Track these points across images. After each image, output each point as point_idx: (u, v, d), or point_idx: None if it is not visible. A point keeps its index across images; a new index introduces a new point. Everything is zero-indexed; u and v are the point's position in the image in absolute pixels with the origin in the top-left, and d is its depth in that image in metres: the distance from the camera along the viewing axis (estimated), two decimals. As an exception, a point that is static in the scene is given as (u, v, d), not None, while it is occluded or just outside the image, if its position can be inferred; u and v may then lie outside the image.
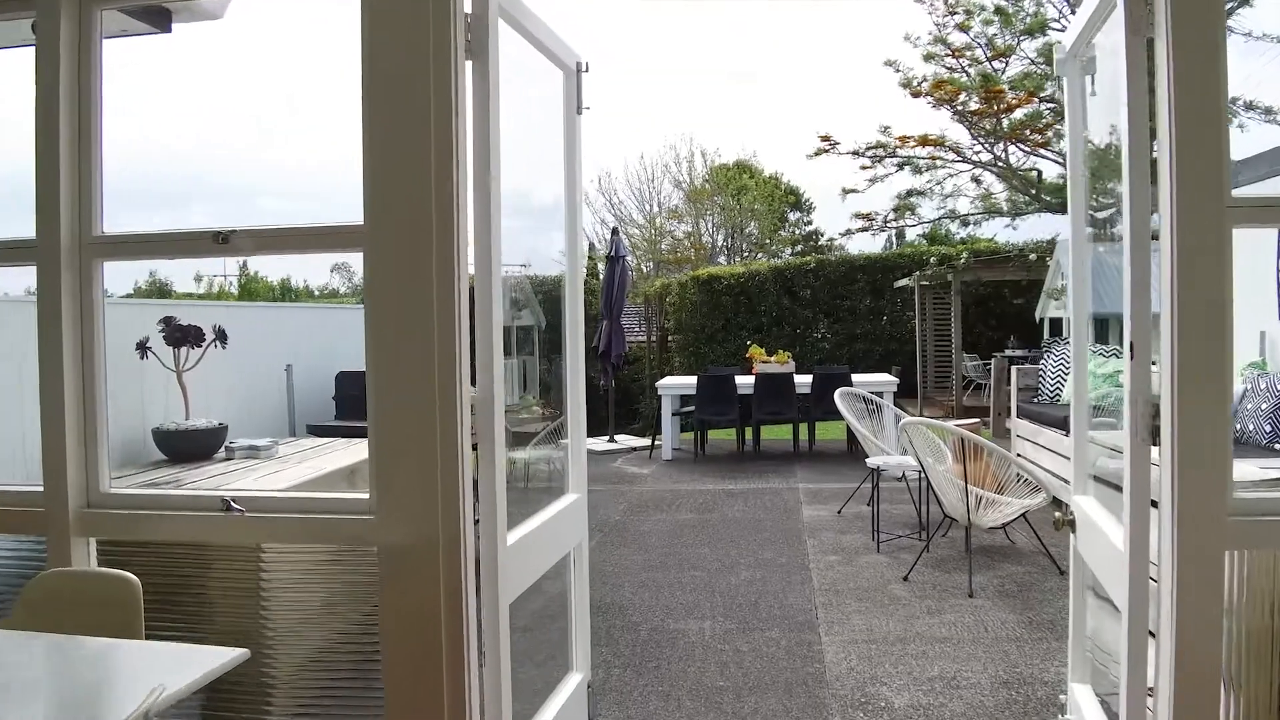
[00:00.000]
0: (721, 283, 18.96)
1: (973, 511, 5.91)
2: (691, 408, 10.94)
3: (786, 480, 9.56)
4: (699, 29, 48.86)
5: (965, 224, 17.03)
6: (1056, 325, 15.44)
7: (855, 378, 10.73)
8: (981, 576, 5.98)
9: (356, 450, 4.79)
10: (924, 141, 14.60)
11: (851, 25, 43.36)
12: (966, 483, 5.82)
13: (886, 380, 10.84)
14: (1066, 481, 7.75)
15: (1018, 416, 8.98)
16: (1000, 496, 5.99)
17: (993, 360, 12.56)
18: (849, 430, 11.36)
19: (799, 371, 11.32)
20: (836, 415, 10.72)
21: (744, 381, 10.82)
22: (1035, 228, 43.30)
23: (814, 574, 6.17)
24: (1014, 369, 9.07)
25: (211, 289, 21.09)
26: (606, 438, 12.35)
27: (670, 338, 20.11)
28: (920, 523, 7.26)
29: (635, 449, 11.78)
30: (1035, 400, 8.88)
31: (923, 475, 6.49)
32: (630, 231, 35.88)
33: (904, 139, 14.86)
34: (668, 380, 11.37)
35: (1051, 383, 8.79)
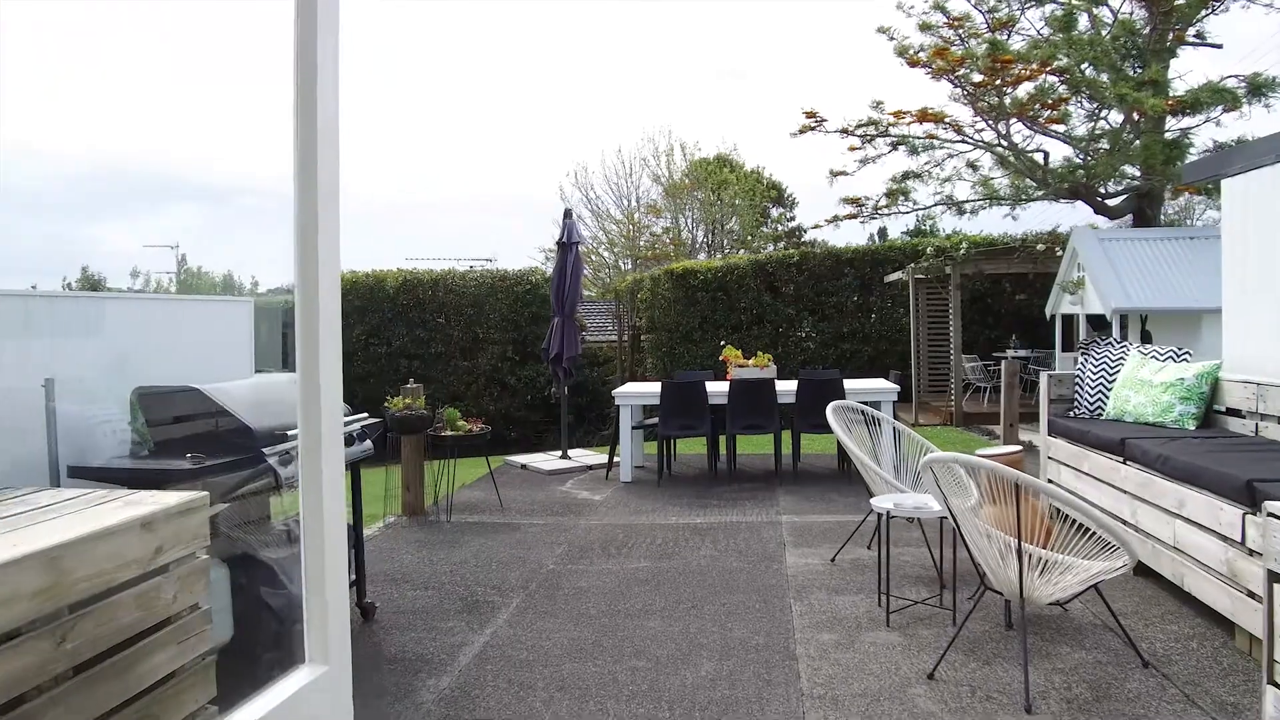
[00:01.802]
0: (697, 277, 17.16)
1: (1028, 582, 4.10)
2: (656, 419, 9.12)
3: (766, 510, 7.75)
4: (677, 13, 47.16)
5: (961, 212, 15.26)
6: (1069, 323, 13.70)
7: (848, 384, 8.93)
8: (1037, 672, 4.18)
9: (97, 516, 2.94)
10: (923, 116, 12.79)
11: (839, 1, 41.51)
12: (1020, 541, 4.01)
13: (885, 387, 9.03)
14: (1127, 524, 5.96)
15: (1050, 434, 7.19)
16: (1063, 558, 4.19)
17: (1001, 362, 10.79)
18: (840, 443, 9.57)
19: (782, 375, 9.51)
20: (826, 428, 8.92)
21: (718, 389, 9.01)
22: (1035, 219, 41.58)
23: (803, 667, 4.36)
24: (1045, 375, 7.28)
25: (149, 284, 19.09)
26: (559, 454, 10.50)
27: (643, 337, 18.30)
28: (940, 578, 5.46)
29: (591, 467, 9.94)
30: (1071, 414, 7.09)
31: (951, 520, 4.69)
32: (608, 228, 34.18)
33: (900, 114, 13.04)
34: (627, 388, 9.54)
35: (1091, 393, 7.00)
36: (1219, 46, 14.92)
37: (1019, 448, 4.92)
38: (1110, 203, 14.62)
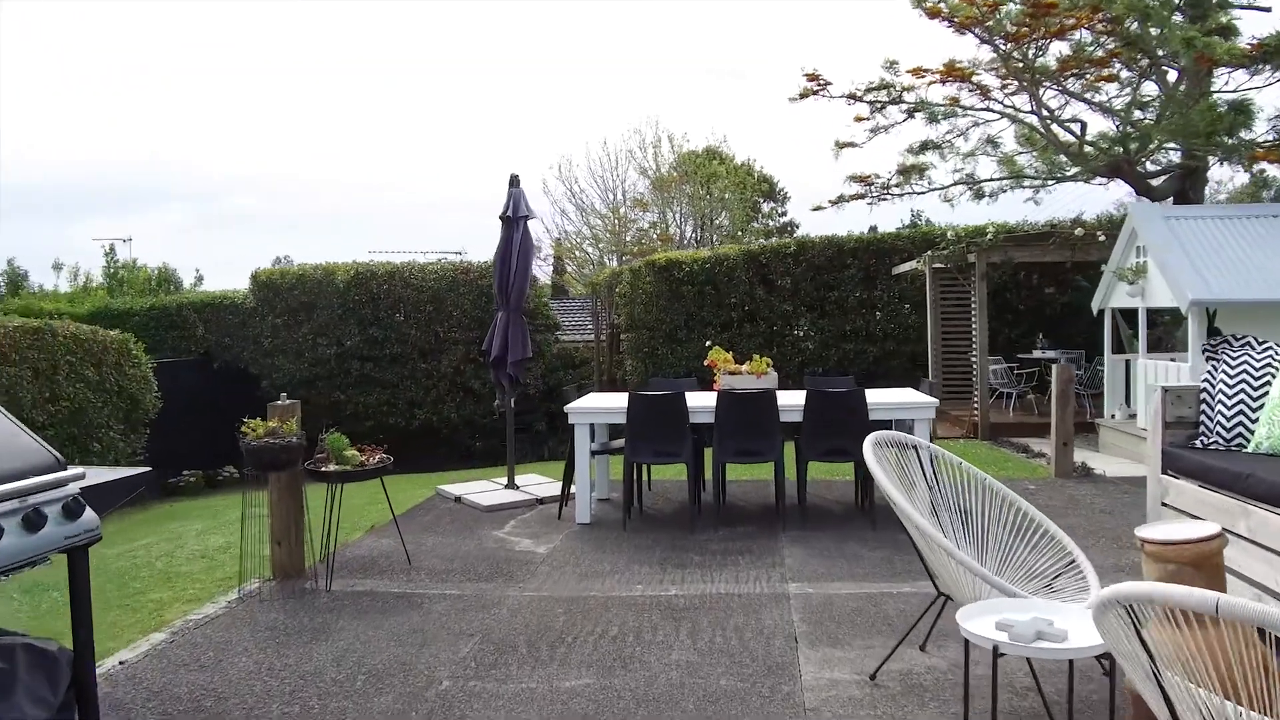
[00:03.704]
0: (683, 269, 14.93)
1: None
2: (623, 441, 6.88)
3: (768, 572, 5.53)
4: None
5: (980, 195, 13.07)
6: (1127, 319, 11.53)
7: (871, 395, 6.70)
8: None
9: None
10: (950, 71, 10.53)
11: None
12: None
13: (919, 401, 6.80)
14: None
15: (1167, 472, 5.00)
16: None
17: (1053, 366, 8.60)
18: (857, 467, 7.38)
19: (783, 384, 7.30)
20: (842, 454, 6.73)
21: (702, 403, 6.81)
22: (1057, 206, 39.10)
23: None
24: (1160, 389, 5.09)
25: (76, 279, 16.80)
26: (504, 483, 8.24)
27: (622, 336, 16.09)
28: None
29: (542, 501, 7.71)
30: (1198, 443, 4.91)
31: (1150, 682, 2.48)
32: (593, 222, 32.01)
33: (920, 71, 10.79)
34: (585, 402, 7.30)
35: (1228, 414, 4.82)
36: (1268, 10, 12.81)
37: (1216, 530, 2.76)
38: (1154, 182, 12.48)
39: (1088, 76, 10.42)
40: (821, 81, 11.40)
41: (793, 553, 5.94)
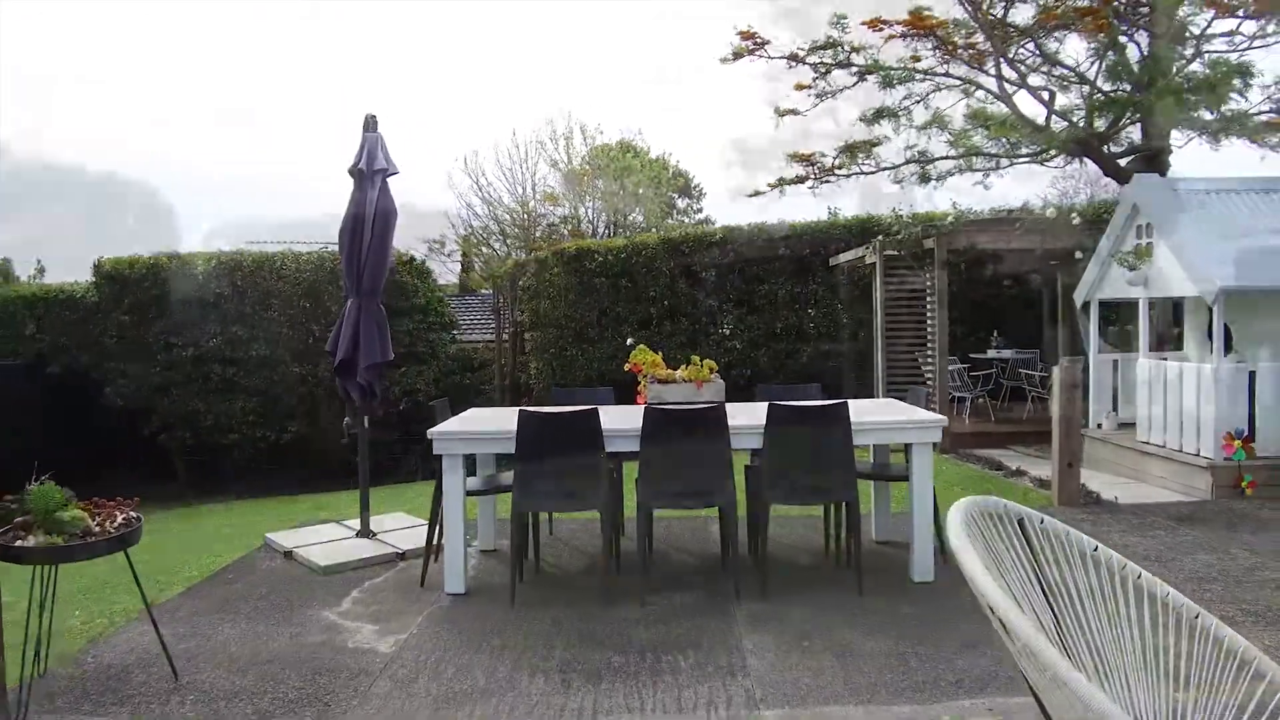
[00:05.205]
0: (595, 259, 12.96)
1: None
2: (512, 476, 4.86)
3: (725, 688, 3.59)
4: None
5: (926, 180, 11.47)
6: (1125, 313, 9.98)
7: (855, 411, 4.80)
8: None
9: None
10: (916, 22, 8.75)
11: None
12: None
13: (920, 419, 4.94)
14: None
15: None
16: None
17: (1053, 369, 6.92)
18: (833, 508, 5.54)
19: (729, 394, 5.38)
20: (817, 491, 4.88)
21: (621, 423, 4.85)
22: (1004, 190, 37.40)
23: None
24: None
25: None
26: (356, 531, 6.09)
27: (526, 335, 14.05)
28: None
29: (405, 555, 5.61)
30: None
31: None
32: (500, 216, 29.86)
33: (878, 23, 9.02)
34: (454, 423, 5.22)
35: None
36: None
37: None
38: (1121, 163, 11.05)
39: (1077, 28, 8.78)
40: (758, 40, 9.58)
41: (756, 644, 4.02)
